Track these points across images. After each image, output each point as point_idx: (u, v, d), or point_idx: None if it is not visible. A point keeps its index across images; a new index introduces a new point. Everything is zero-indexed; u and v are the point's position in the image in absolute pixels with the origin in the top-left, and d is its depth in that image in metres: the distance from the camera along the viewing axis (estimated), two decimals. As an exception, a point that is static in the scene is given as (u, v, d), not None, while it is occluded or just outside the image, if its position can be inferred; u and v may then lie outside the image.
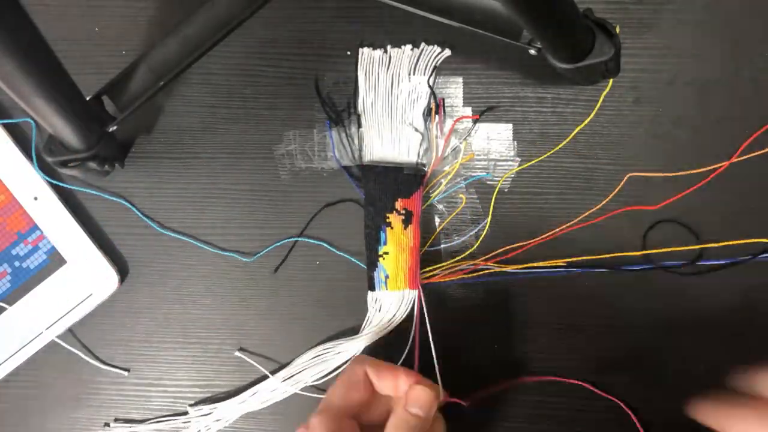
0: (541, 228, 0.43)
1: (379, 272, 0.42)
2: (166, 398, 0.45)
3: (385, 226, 0.42)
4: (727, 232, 0.42)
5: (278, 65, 0.44)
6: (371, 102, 0.43)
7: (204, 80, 0.44)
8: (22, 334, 0.44)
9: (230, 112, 0.44)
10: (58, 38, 0.43)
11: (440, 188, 0.43)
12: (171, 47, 0.38)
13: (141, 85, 0.38)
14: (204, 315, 0.45)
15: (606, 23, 0.36)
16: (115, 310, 0.45)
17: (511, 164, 0.43)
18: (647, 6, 0.42)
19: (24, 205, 0.43)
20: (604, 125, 0.43)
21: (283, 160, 0.44)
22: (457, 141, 0.43)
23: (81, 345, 0.45)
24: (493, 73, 0.43)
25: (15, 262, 0.43)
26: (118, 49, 0.44)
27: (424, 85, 0.43)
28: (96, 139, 0.38)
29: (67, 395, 0.45)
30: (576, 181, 0.43)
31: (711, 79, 0.42)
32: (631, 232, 0.43)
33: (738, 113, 0.42)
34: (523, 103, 0.43)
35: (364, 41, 0.43)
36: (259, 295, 0.45)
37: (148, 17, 0.44)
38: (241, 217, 0.44)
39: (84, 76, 0.37)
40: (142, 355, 0.45)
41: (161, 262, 0.45)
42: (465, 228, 0.44)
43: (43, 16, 0.43)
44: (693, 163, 0.42)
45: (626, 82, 0.42)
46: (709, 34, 0.42)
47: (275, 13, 0.43)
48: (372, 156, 0.43)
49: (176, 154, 0.44)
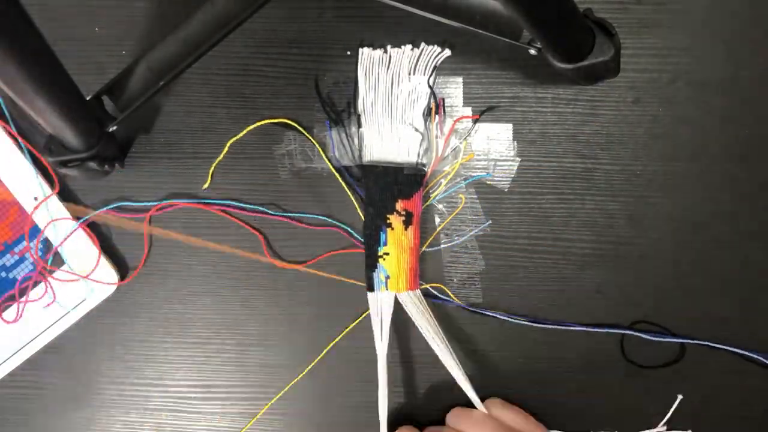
0: (541, 228, 0.43)
1: (378, 273, 0.42)
2: (166, 398, 0.45)
3: (386, 227, 0.42)
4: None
5: (278, 65, 0.44)
6: (371, 102, 0.43)
7: (204, 80, 0.44)
8: (22, 335, 0.44)
9: (230, 112, 0.44)
10: (58, 38, 0.43)
11: (440, 188, 0.43)
12: (171, 47, 0.38)
13: (141, 85, 0.38)
14: (204, 315, 0.45)
15: (606, 23, 0.36)
16: (115, 310, 0.45)
17: (511, 164, 0.43)
18: (647, 6, 0.42)
19: (24, 205, 0.43)
20: (604, 125, 0.43)
21: (283, 160, 0.44)
22: (457, 141, 0.43)
23: (81, 345, 0.45)
24: (493, 73, 0.43)
25: (1, 273, 0.43)
26: (118, 49, 0.44)
27: (424, 85, 0.43)
28: (96, 139, 0.38)
29: (67, 395, 0.45)
30: (576, 181, 0.43)
31: (711, 79, 0.42)
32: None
33: (738, 113, 0.42)
34: (523, 103, 0.43)
35: (364, 41, 0.43)
36: (259, 295, 0.45)
37: (148, 17, 0.44)
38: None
39: (84, 76, 0.37)
40: (142, 355, 0.45)
41: (161, 262, 0.45)
42: (465, 228, 0.44)
43: (43, 16, 0.43)
44: (693, 162, 0.42)
45: (626, 82, 0.42)
46: (709, 34, 0.42)
47: (275, 13, 0.43)
48: (372, 156, 0.43)
49: (176, 154, 0.44)
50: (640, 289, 0.43)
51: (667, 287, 0.43)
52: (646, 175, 0.43)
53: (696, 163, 0.43)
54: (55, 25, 0.44)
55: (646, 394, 0.44)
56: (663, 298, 0.43)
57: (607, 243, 0.43)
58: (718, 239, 0.43)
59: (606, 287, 0.43)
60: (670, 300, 0.43)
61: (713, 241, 0.43)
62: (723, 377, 0.44)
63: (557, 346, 0.44)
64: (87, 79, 0.38)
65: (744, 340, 0.43)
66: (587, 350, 0.44)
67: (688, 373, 0.43)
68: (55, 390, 0.45)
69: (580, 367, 0.44)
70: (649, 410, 0.43)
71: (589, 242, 0.43)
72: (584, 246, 0.43)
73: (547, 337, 0.44)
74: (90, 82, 0.38)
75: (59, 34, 0.43)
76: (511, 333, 0.44)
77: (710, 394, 0.44)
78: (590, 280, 0.43)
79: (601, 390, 0.44)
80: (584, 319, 0.43)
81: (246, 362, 0.45)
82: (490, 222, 0.43)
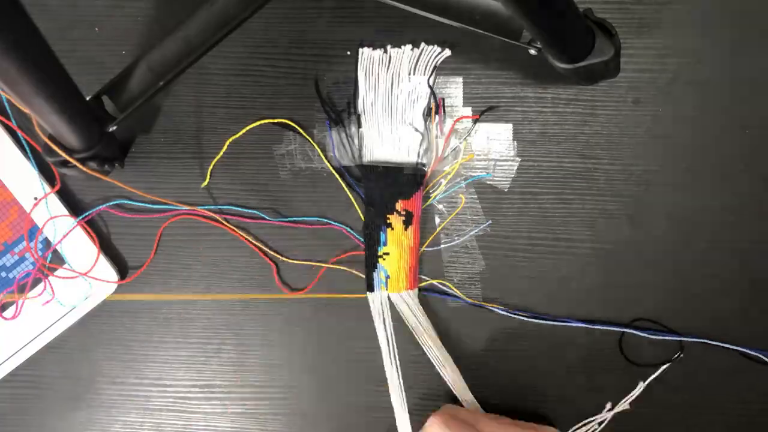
0: (541, 228, 0.43)
1: (379, 272, 0.42)
2: (166, 398, 0.45)
3: (386, 227, 0.42)
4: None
5: (278, 65, 0.44)
6: (371, 102, 0.43)
7: (204, 80, 0.44)
8: (22, 335, 0.44)
9: (230, 112, 0.44)
10: (58, 38, 0.43)
11: (440, 188, 0.43)
12: (171, 47, 0.38)
13: (141, 85, 0.38)
14: (204, 315, 0.45)
15: (606, 23, 0.36)
16: (115, 310, 0.45)
17: (511, 164, 0.43)
18: (647, 6, 0.42)
19: (24, 205, 0.43)
20: (604, 125, 0.43)
21: (283, 160, 0.44)
22: (457, 141, 0.43)
23: (81, 345, 0.45)
24: (493, 73, 0.43)
25: (1, 273, 0.43)
26: (118, 49, 0.44)
27: (424, 85, 0.43)
28: (96, 139, 0.38)
29: (67, 395, 0.45)
30: (576, 181, 0.43)
31: (711, 79, 0.42)
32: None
33: (738, 113, 0.42)
34: (523, 103, 0.43)
35: (364, 41, 0.43)
36: (260, 295, 0.45)
37: (148, 17, 0.44)
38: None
39: (84, 76, 0.37)
40: (142, 355, 0.45)
41: (161, 262, 0.45)
42: (465, 228, 0.44)
43: (43, 17, 0.43)
44: (693, 162, 0.42)
45: (626, 82, 0.42)
46: (709, 34, 0.42)
47: (275, 13, 0.43)
48: (372, 156, 0.43)
49: (176, 154, 0.44)
50: (639, 288, 0.43)
51: (668, 287, 0.43)
52: (646, 175, 0.43)
53: (696, 163, 0.43)
54: (55, 26, 0.44)
55: (646, 393, 0.43)
56: (663, 297, 0.43)
57: (607, 243, 0.43)
58: (718, 239, 0.43)
59: (606, 287, 0.43)
60: (669, 299, 0.43)
61: (713, 241, 0.43)
62: (721, 374, 0.44)
63: (557, 346, 0.44)
64: (87, 79, 0.38)
65: (743, 339, 0.43)
66: (587, 349, 0.44)
67: (686, 370, 0.43)
68: (55, 390, 0.45)
69: (579, 366, 0.44)
70: (646, 411, 0.44)
71: (589, 242, 0.43)
72: (584, 246, 0.43)
73: (547, 336, 0.44)
74: (90, 82, 0.38)
75: (59, 34, 0.43)
76: (510, 332, 0.44)
77: (708, 391, 0.44)
78: (590, 279, 0.43)
79: (599, 388, 0.44)
80: (584, 317, 0.43)
81: (246, 362, 0.45)
82: (490, 222, 0.43)
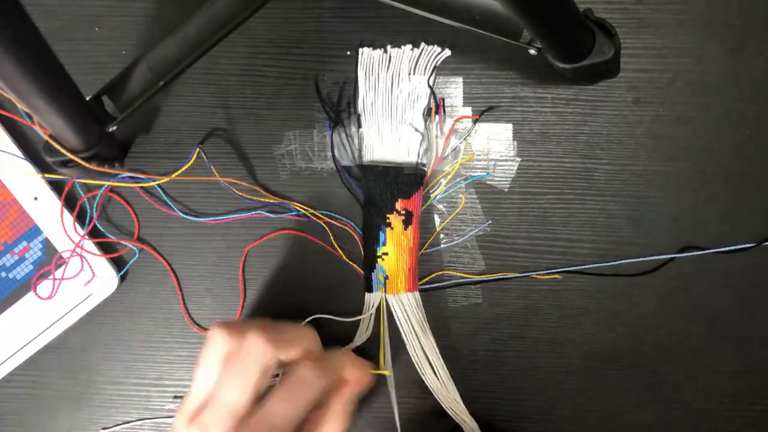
0: (541, 228, 0.43)
1: (377, 273, 0.42)
2: (166, 398, 0.45)
3: (385, 227, 0.42)
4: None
5: (278, 65, 0.44)
6: (371, 102, 0.43)
7: (204, 80, 0.44)
8: (22, 335, 0.44)
9: (230, 112, 0.44)
10: (58, 38, 0.43)
11: (440, 188, 0.43)
12: (171, 47, 0.38)
13: (141, 85, 0.38)
14: (204, 315, 0.45)
15: (606, 23, 0.36)
16: (115, 310, 0.45)
17: (511, 164, 0.43)
18: (647, 6, 0.42)
19: (24, 205, 0.43)
20: (604, 125, 0.43)
21: (283, 160, 0.44)
22: (457, 141, 0.43)
23: (81, 345, 0.45)
24: (493, 73, 0.43)
25: (1, 273, 0.43)
26: (118, 49, 0.44)
27: (424, 85, 0.43)
28: (96, 139, 0.38)
29: (67, 395, 0.45)
30: (576, 181, 0.43)
31: (711, 79, 0.42)
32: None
33: (738, 113, 0.42)
34: (523, 103, 0.43)
35: (364, 41, 0.43)
36: (259, 295, 0.45)
37: (148, 17, 0.44)
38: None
39: (84, 76, 0.37)
40: (142, 355, 0.45)
41: (161, 262, 0.45)
42: (465, 228, 0.44)
43: (43, 16, 0.43)
44: (693, 162, 0.42)
45: (626, 82, 0.42)
46: (709, 34, 0.42)
47: (275, 13, 0.43)
48: (372, 156, 0.43)
49: (176, 154, 0.44)
50: (639, 287, 0.43)
51: (667, 287, 0.43)
52: (646, 175, 0.43)
53: (696, 163, 0.43)
54: (55, 25, 0.44)
55: (647, 391, 0.44)
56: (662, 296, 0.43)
57: (607, 243, 0.43)
58: (719, 239, 0.43)
59: (605, 286, 0.43)
60: (668, 298, 0.43)
61: (713, 241, 0.43)
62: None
63: (556, 345, 0.44)
64: (87, 79, 0.38)
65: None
66: (586, 348, 0.44)
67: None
68: (54, 390, 0.45)
69: (578, 365, 0.44)
70: (647, 410, 0.44)
71: (589, 242, 0.43)
72: (584, 246, 0.43)
73: (547, 336, 0.44)
74: (90, 82, 0.38)
75: (59, 34, 0.43)
76: (510, 333, 0.44)
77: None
78: (590, 279, 0.43)
79: (598, 387, 0.44)
80: (585, 318, 0.43)
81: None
82: (490, 222, 0.43)
